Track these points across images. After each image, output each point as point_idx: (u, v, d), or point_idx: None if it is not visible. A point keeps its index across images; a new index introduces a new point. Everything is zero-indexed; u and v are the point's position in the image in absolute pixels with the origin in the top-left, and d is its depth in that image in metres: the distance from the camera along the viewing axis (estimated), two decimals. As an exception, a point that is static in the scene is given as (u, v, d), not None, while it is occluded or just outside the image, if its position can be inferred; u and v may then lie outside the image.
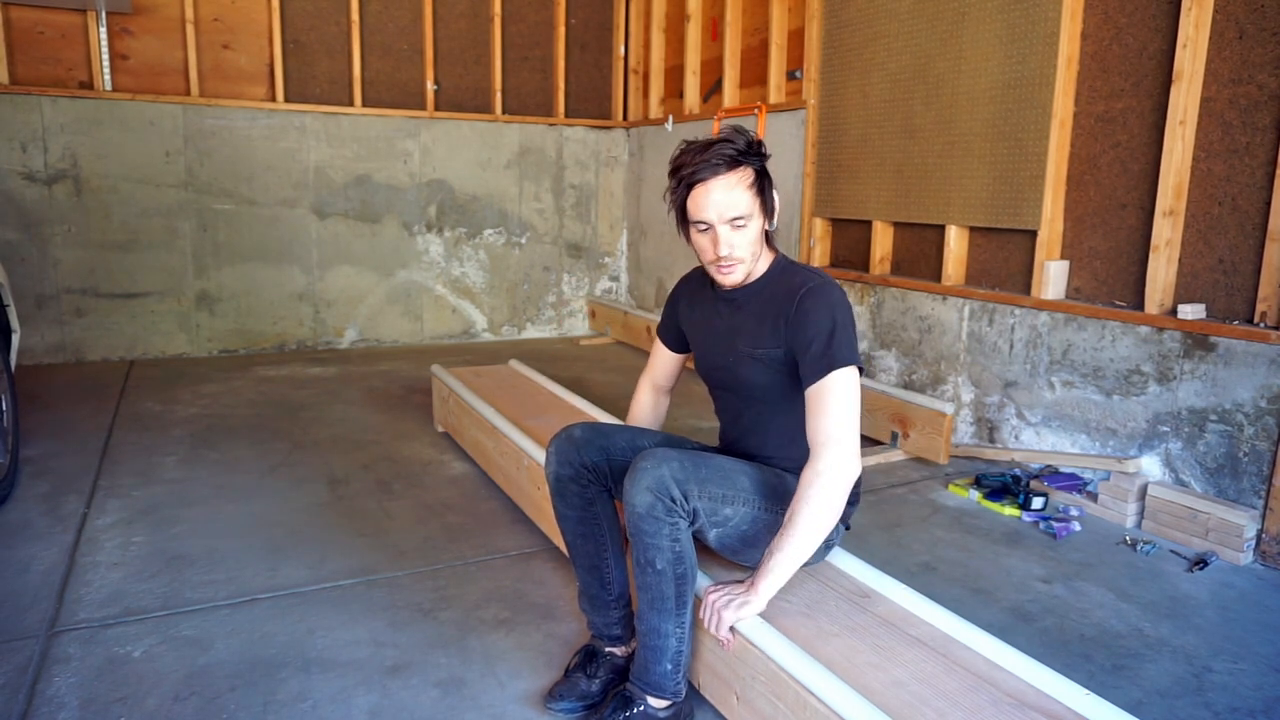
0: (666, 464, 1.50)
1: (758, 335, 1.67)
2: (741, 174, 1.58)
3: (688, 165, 1.57)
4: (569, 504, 1.71)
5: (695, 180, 1.56)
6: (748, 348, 1.69)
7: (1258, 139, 2.47)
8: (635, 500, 1.49)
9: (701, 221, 1.58)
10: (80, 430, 3.37)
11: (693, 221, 1.60)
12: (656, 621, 1.56)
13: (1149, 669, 1.88)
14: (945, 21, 3.33)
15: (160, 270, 4.65)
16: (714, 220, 1.57)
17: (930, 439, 3.17)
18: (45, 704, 1.65)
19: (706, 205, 1.56)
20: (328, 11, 4.91)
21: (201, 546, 2.36)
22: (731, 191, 1.56)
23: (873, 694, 1.39)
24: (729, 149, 1.57)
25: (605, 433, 1.73)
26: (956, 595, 2.20)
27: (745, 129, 1.62)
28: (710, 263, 1.63)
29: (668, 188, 1.63)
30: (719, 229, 1.57)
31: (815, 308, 1.58)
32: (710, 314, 1.77)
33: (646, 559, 1.52)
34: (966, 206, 3.31)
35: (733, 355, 1.71)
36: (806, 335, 1.57)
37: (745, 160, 1.58)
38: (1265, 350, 2.40)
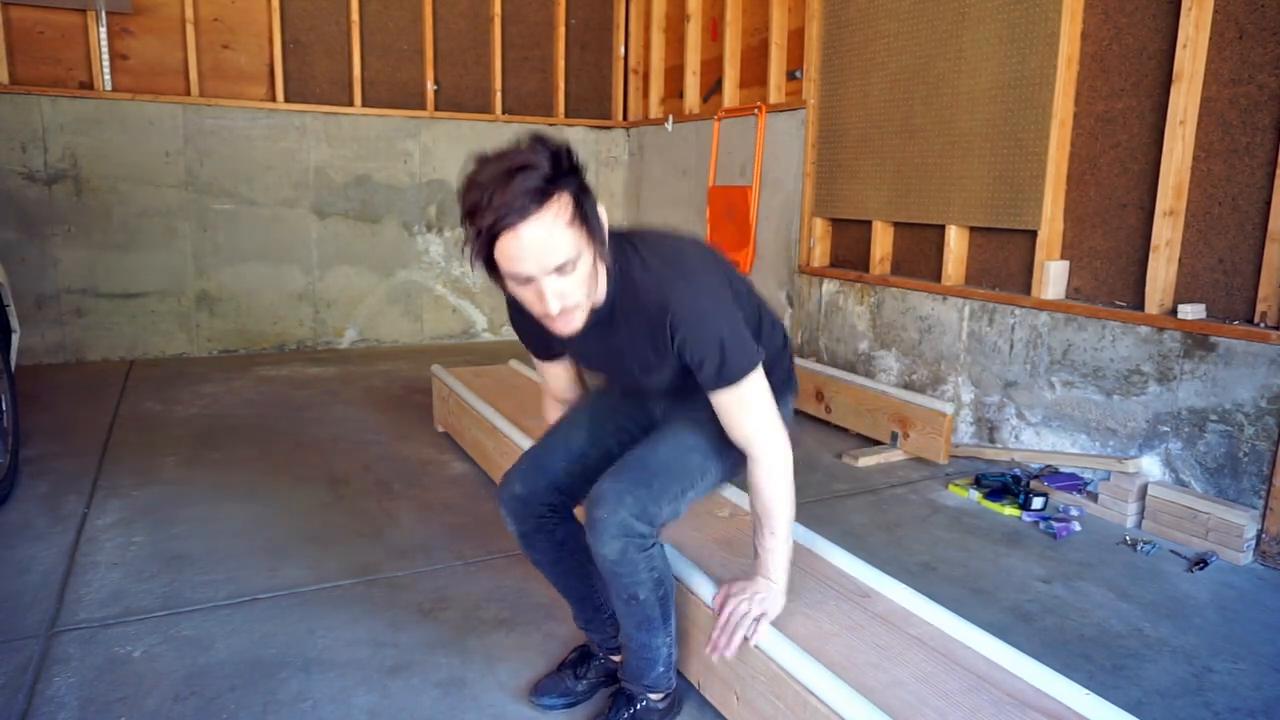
0: (622, 504, 1.40)
1: (643, 356, 1.47)
2: (557, 207, 1.23)
3: (485, 210, 1.20)
4: (540, 551, 1.62)
5: (499, 230, 1.21)
6: (640, 370, 1.50)
7: (1258, 139, 2.47)
8: (605, 552, 1.41)
9: (518, 275, 1.26)
10: (80, 430, 3.37)
11: (507, 275, 1.27)
12: (646, 639, 1.55)
13: (1149, 669, 1.88)
14: (945, 21, 3.33)
15: (160, 270, 4.65)
16: (535, 273, 1.25)
17: (930, 439, 3.17)
18: (45, 704, 1.65)
19: (520, 256, 1.23)
20: (328, 11, 4.91)
21: (201, 546, 2.36)
22: (550, 233, 1.22)
23: (873, 694, 1.39)
24: (534, 177, 1.20)
25: (543, 465, 1.60)
26: (956, 595, 2.20)
27: (544, 134, 1.27)
28: (541, 316, 1.33)
29: (464, 235, 1.27)
30: (543, 281, 1.26)
31: (695, 328, 1.38)
32: (579, 339, 1.46)
33: (629, 594, 1.48)
34: (966, 206, 3.31)
35: (628, 374, 1.53)
36: (695, 356, 1.40)
37: (557, 186, 1.23)
38: (1265, 350, 2.40)
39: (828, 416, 3.66)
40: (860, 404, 3.48)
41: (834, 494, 2.92)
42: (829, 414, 3.65)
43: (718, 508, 2.18)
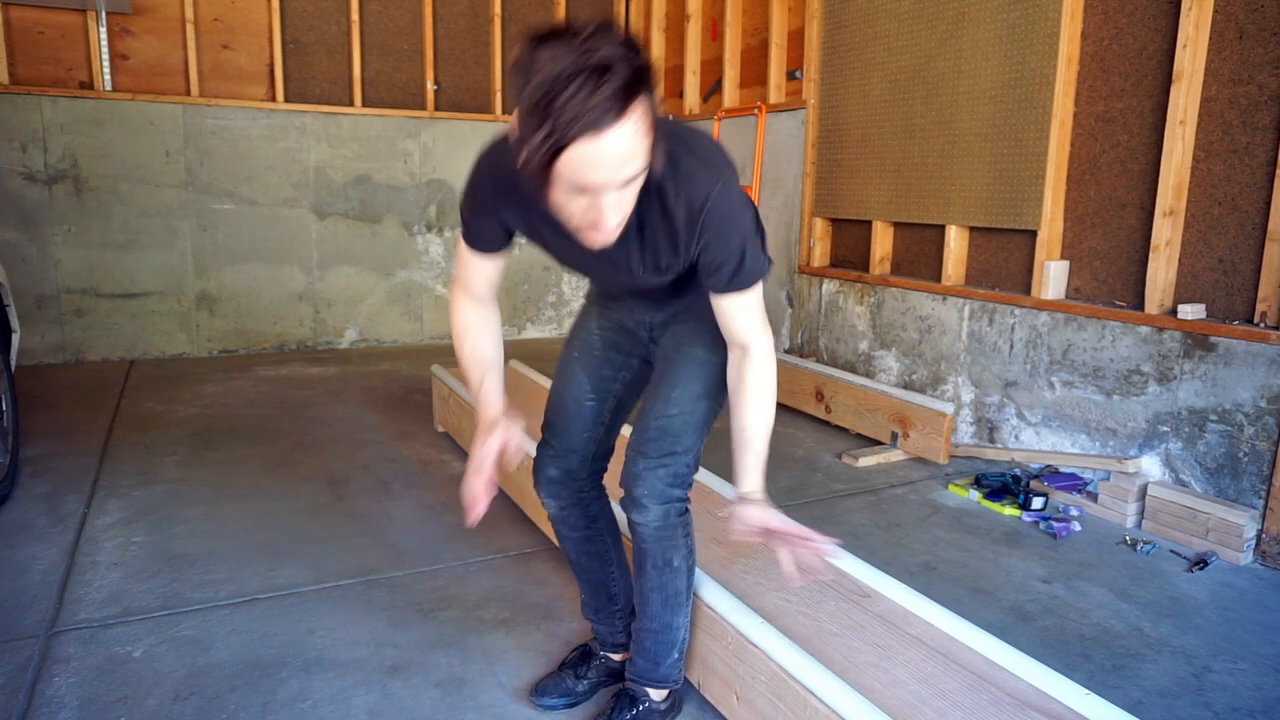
0: (658, 478, 1.46)
1: (654, 259, 1.37)
2: (638, 115, 1.05)
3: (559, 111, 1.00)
4: (573, 528, 1.66)
5: (576, 137, 1.02)
6: (647, 272, 1.40)
7: (1258, 139, 2.47)
8: (648, 520, 1.48)
9: (584, 185, 1.08)
10: (80, 430, 3.37)
11: (566, 183, 1.08)
12: (669, 618, 1.56)
13: (1149, 669, 1.88)
14: (945, 21, 3.33)
15: (160, 270, 4.65)
16: (605, 185, 1.08)
17: (930, 439, 3.17)
18: (45, 704, 1.65)
19: (595, 167, 1.05)
20: (328, 11, 4.91)
21: (201, 546, 2.36)
22: (631, 143, 1.05)
23: (873, 694, 1.39)
24: (618, 79, 1.01)
25: (570, 444, 1.61)
26: (956, 595, 2.20)
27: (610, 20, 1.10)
28: (583, 228, 1.16)
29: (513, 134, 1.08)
30: (606, 195, 1.10)
31: (722, 233, 1.30)
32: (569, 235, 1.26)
33: (665, 560, 1.52)
34: (966, 206, 3.31)
35: (628, 276, 1.42)
36: (714, 260, 1.33)
37: (640, 90, 1.05)
38: (1265, 350, 2.40)
39: (828, 416, 3.66)
40: (860, 404, 3.48)
41: (834, 494, 2.92)
42: (829, 414, 3.65)
43: (717, 507, 2.18)
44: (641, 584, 1.56)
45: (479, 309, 1.54)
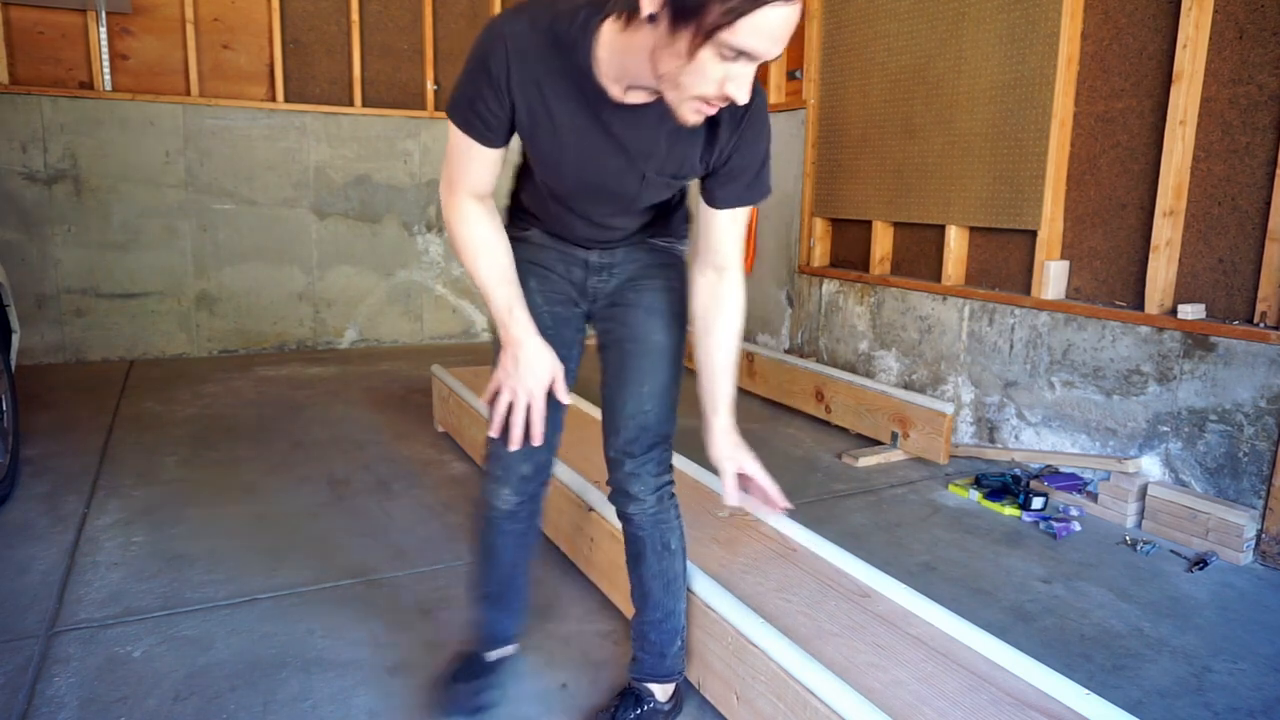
0: (650, 473, 1.49)
1: (680, 159, 1.30)
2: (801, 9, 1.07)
3: None
4: (519, 521, 1.57)
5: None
6: (660, 172, 1.31)
7: (1258, 139, 2.47)
8: (644, 509, 1.50)
9: (749, 53, 1.05)
10: (80, 430, 3.37)
11: (732, 48, 1.03)
12: (672, 604, 1.57)
13: (1149, 669, 1.88)
14: (945, 21, 3.33)
15: (160, 270, 4.65)
16: (768, 54, 1.06)
17: (930, 439, 3.17)
18: (45, 704, 1.65)
19: (775, 35, 1.03)
20: (328, 11, 4.91)
21: (201, 546, 2.36)
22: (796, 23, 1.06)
23: (873, 694, 1.39)
24: None
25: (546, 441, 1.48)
26: (956, 595, 2.20)
27: None
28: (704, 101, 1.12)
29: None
30: (753, 68, 1.09)
31: (759, 136, 1.30)
32: (590, 121, 1.24)
33: (664, 544, 1.53)
34: (966, 206, 3.31)
35: (630, 178, 1.31)
36: (744, 162, 1.31)
37: None
38: (1265, 350, 2.40)
39: (828, 416, 3.66)
40: (860, 404, 3.48)
41: (834, 494, 2.92)
42: (829, 414, 3.65)
43: (717, 508, 2.18)
44: (642, 574, 1.56)
45: (489, 215, 1.38)
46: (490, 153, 1.32)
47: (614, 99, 1.21)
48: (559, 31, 1.19)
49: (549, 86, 1.21)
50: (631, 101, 1.22)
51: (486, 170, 1.34)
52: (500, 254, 1.38)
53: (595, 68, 1.19)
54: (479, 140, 1.29)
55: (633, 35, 1.11)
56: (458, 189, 1.36)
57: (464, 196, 1.36)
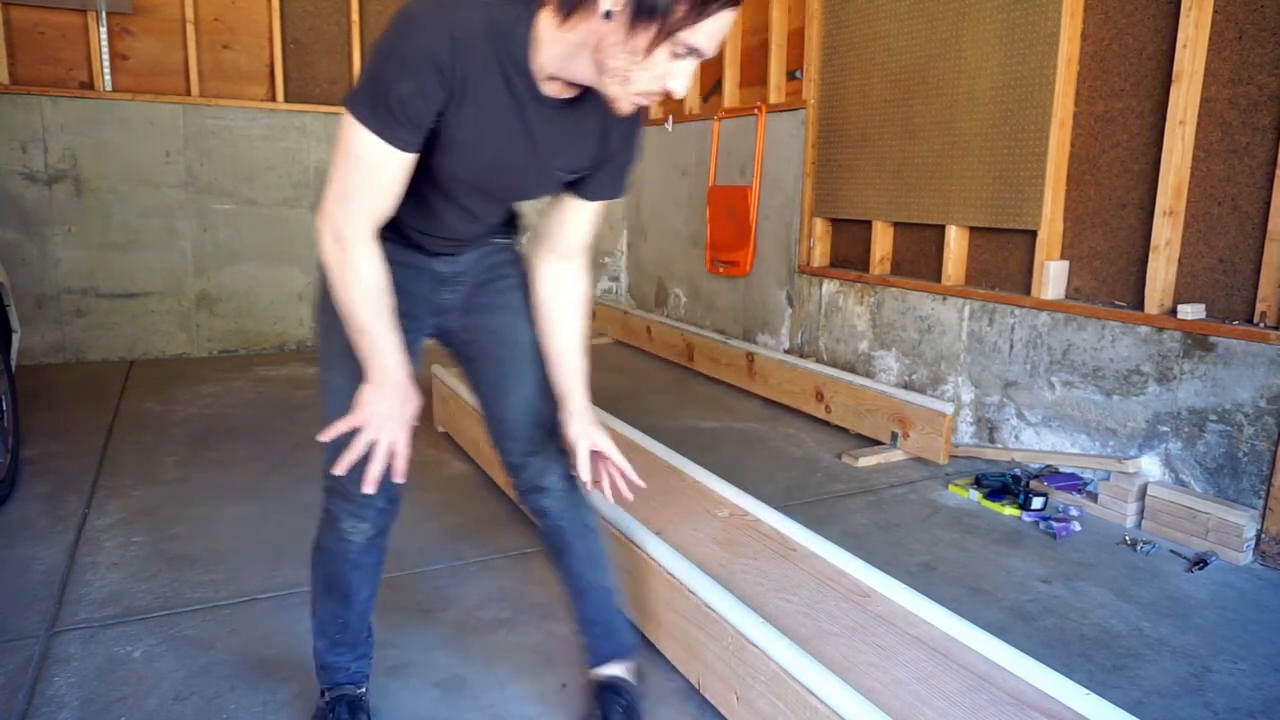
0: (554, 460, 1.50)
1: (580, 154, 1.33)
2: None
3: None
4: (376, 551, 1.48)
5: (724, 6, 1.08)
6: (564, 169, 1.33)
7: (1257, 139, 2.47)
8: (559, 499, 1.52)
9: (698, 51, 1.11)
10: (80, 430, 3.37)
11: (686, 46, 1.10)
12: (605, 580, 1.60)
13: (1149, 669, 1.88)
14: (945, 21, 3.33)
15: (160, 270, 4.65)
16: (708, 53, 1.13)
17: (930, 439, 3.17)
18: (45, 704, 1.65)
19: (718, 35, 1.11)
20: (328, 11, 4.91)
21: (201, 546, 2.36)
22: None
23: (873, 694, 1.39)
24: None
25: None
26: (956, 595, 2.20)
27: None
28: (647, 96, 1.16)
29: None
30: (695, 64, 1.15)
31: (639, 132, 1.38)
32: (513, 114, 1.22)
33: (583, 525, 1.56)
34: (966, 206, 3.31)
35: (537, 177, 1.32)
36: (623, 160, 1.38)
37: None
38: (1265, 350, 2.41)
39: (828, 416, 3.66)
40: (860, 404, 3.48)
41: (834, 494, 2.92)
42: (829, 414, 3.65)
43: (716, 507, 2.18)
44: (570, 564, 1.57)
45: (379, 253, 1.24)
46: (408, 163, 1.20)
47: (540, 93, 1.21)
48: (495, 18, 1.16)
49: (482, 75, 1.17)
50: (552, 94, 1.22)
51: (398, 188, 1.22)
52: (387, 291, 1.26)
53: (529, 57, 1.18)
54: (402, 146, 1.17)
55: (572, 30, 1.12)
56: (354, 221, 1.20)
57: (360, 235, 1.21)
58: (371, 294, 1.24)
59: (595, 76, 1.15)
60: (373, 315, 1.24)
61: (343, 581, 1.48)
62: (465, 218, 1.36)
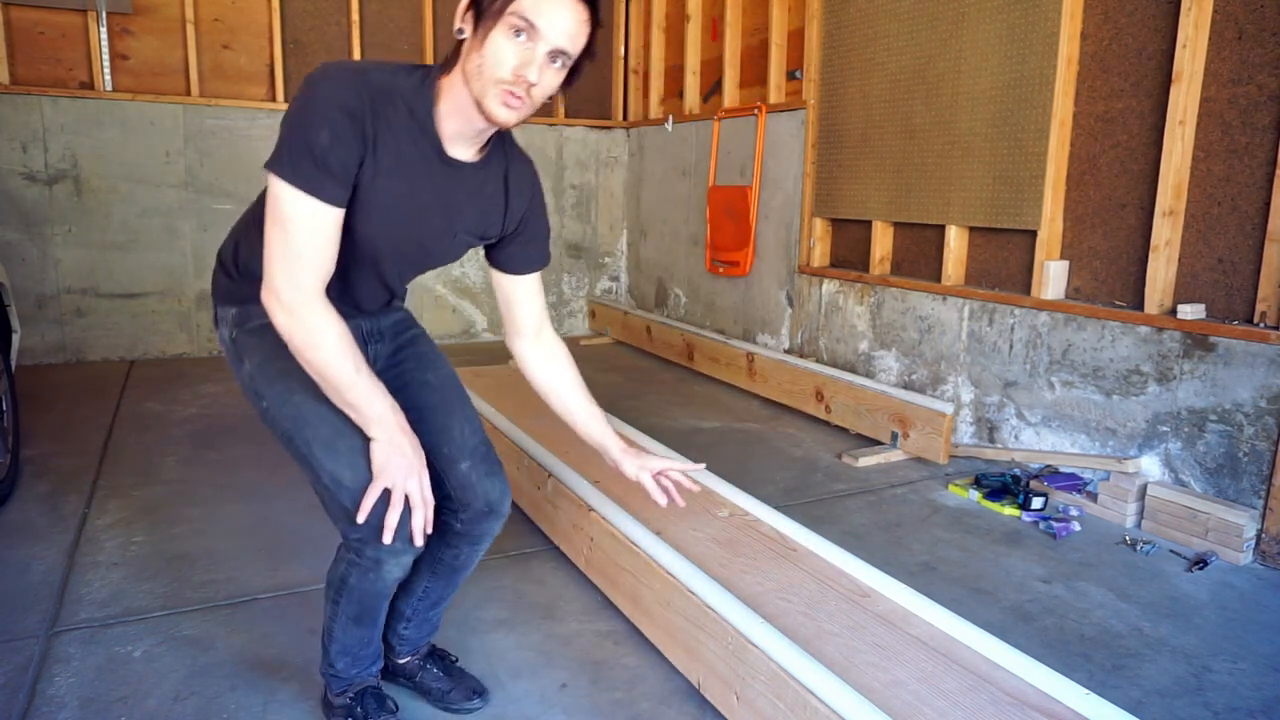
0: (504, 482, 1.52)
1: (486, 216, 1.38)
2: (589, 15, 1.20)
3: None
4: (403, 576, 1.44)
5: None
6: (467, 232, 1.38)
7: (1257, 139, 2.48)
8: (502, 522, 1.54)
9: (530, 25, 1.15)
10: (80, 430, 3.37)
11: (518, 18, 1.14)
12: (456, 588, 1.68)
13: (1149, 669, 1.88)
14: (945, 21, 3.33)
15: (160, 270, 4.65)
16: (547, 36, 1.16)
17: (930, 439, 3.17)
18: (46, 704, 1.65)
19: (553, 13, 1.15)
20: (328, 11, 4.91)
21: (202, 546, 2.36)
22: (580, 24, 1.19)
23: (873, 694, 1.39)
24: None
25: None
26: (956, 595, 2.20)
27: None
28: (502, 82, 1.17)
29: None
30: (541, 52, 1.17)
31: (542, 200, 1.49)
32: (421, 179, 1.28)
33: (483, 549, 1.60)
34: (966, 206, 3.31)
35: (444, 239, 1.37)
36: (537, 226, 1.48)
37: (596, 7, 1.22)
38: (1265, 350, 2.41)
39: (828, 416, 3.66)
40: (860, 404, 3.48)
41: (834, 494, 2.92)
42: (829, 414, 3.65)
43: (717, 507, 2.18)
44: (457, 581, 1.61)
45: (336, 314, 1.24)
46: (338, 219, 1.22)
47: (445, 155, 1.29)
48: (400, 82, 1.24)
49: (392, 135, 1.23)
50: (459, 157, 1.31)
51: (332, 247, 1.22)
52: (354, 342, 1.26)
53: (434, 118, 1.26)
54: (329, 200, 1.19)
55: (456, 69, 1.23)
56: (299, 285, 1.19)
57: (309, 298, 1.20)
58: (339, 349, 1.23)
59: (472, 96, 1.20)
60: (350, 369, 1.24)
61: (376, 611, 1.49)
62: (380, 286, 1.44)
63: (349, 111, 1.18)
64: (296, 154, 1.17)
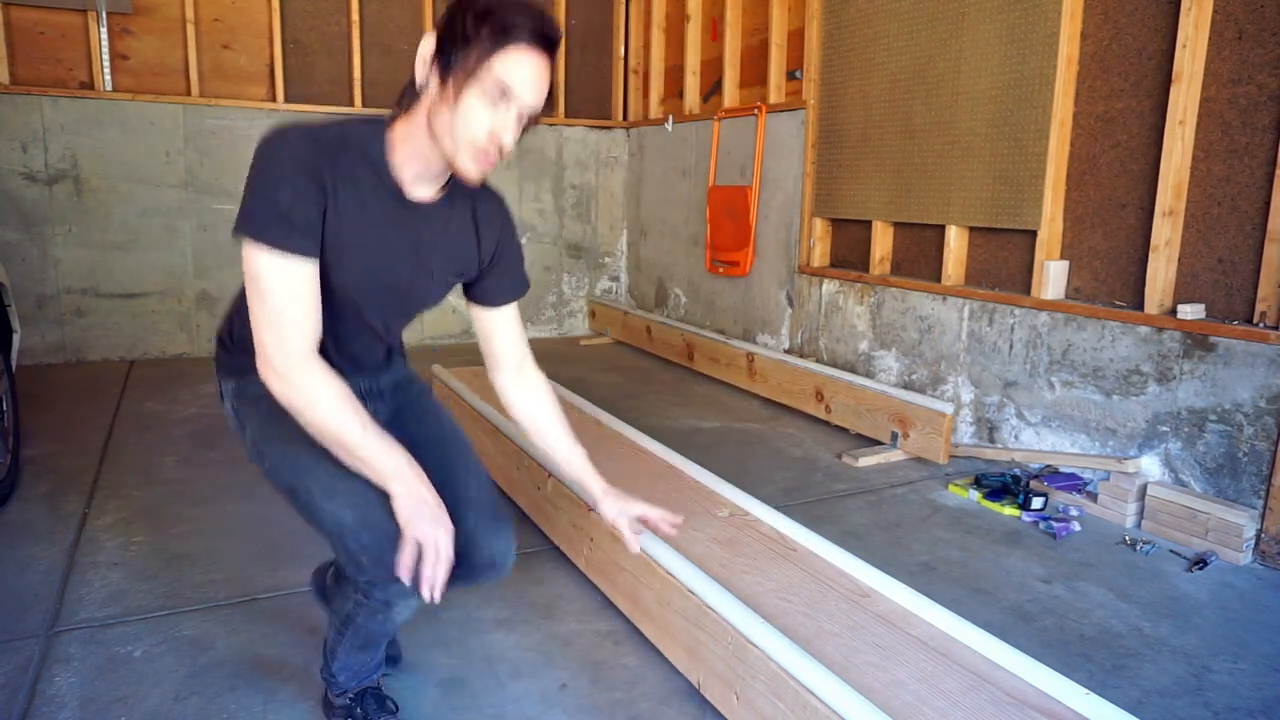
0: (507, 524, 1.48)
1: (459, 253, 1.40)
2: (550, 63, 1.22)
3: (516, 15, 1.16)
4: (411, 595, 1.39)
5: (525, 41, 1.17)
6: (443, 270, 1.40)
7: (1257, 139, 2.48)
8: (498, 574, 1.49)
9: (506, 89, 1.18)
10: (81, 430, 3.37)
11: (494, 82, 1.17)
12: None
13: (1149, 669, 1.88)
14: (945, 21, 3.33)
15: (160, 270, 4.66)
16: (521, 98, 1.19)
17: (930, 439, 3.17)
18: (46, 703, 1.65)
19: (526, 75, 1.18)
20: (328, 11, 4.91)
21: (202, 546, 2.36)
22: (546, 81, 1.22)
23: (873, 694, 1.39)
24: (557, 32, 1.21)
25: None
26: (956, 595, 2.20)
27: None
28: (477, 144, 1.20)
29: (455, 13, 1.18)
30: (514, 115, 1.20)
31: (513, 230, 1.48)
32: (387, 219, 1.29)
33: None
34: (966, 206, 3.31)
35: (419, 280, 1.38)
36: (511, 257, 1.48)
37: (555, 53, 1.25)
38: (1265, 350, 2.41)
39: (828, 416, 3.66)
40: (860, 404, 3.48)
41: (834, 494, 2.92)
42: (829, 414, 3.65)
43: (716, 507, 2.18)
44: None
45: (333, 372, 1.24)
46: (313, 272, 1.22)
47: (407, 196, 1.30)
48: (351, 135, 1.27)
49: (351, 184, 1.25)
50: (420, 197, 1.32)
51: (314, 303, 1.22)
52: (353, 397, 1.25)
53: (390, 163, 1.28)
54: (302, 253, 1.20)
55: (415, 116, 1.24)
56: (290, 348, 1.20)
57: (301, 359, 1.21)
58: (339, 408, 1.22)
59: (436, 148, 1.24)
60: (355, 426, 1.23)
61: (382, 640, 1.50)
62: (371, 338, 1.45)
63: (305, 167, 1.19)
64: (261, 215, 1.18)
